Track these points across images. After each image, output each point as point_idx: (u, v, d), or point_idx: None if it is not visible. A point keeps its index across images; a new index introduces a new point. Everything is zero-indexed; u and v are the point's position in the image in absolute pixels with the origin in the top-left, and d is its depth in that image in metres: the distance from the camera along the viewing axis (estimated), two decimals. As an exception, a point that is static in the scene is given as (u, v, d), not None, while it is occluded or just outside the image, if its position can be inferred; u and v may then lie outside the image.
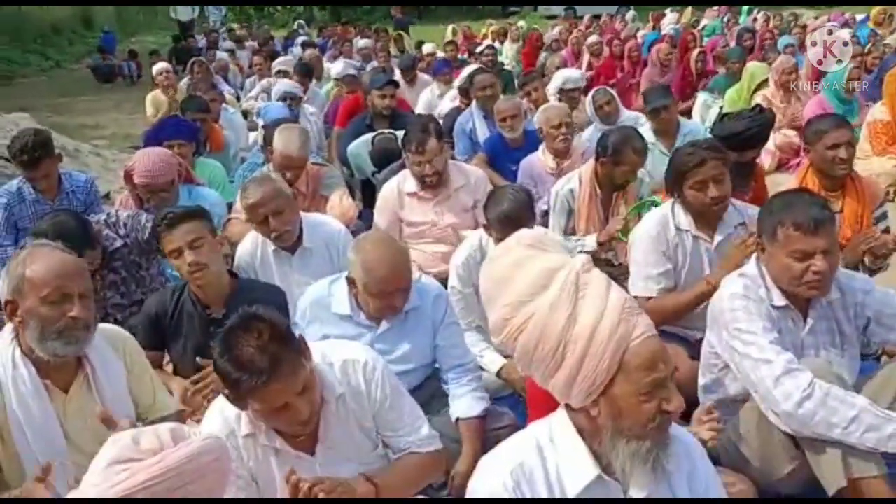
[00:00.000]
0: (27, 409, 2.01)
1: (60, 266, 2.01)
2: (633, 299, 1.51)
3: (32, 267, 1.99)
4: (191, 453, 1.21)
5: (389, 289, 2.46)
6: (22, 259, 2.01)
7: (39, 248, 2.07)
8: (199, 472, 1.21)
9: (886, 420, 2.06)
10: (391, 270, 2.44)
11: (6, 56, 17.01)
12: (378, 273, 2.42)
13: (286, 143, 3.99)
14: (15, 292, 1.99)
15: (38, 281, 1.97)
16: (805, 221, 2.21)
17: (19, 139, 3.97)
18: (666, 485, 1.57)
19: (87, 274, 2.10)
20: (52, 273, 1.98)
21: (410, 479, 2.05)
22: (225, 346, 1.72)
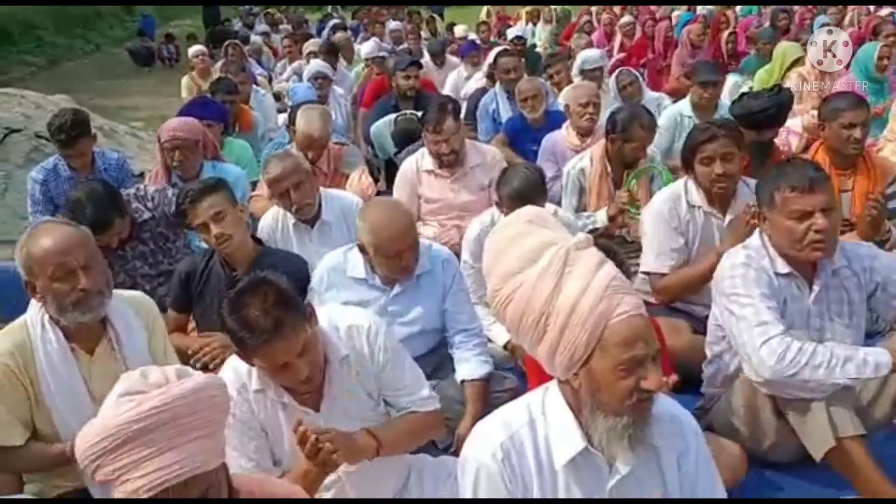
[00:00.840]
0: (55, 371, 2.15)
1: (60, 241, 2.09)
2: (624, 278, 1.55)
3: (34, 245, 2.09)
4: (193, 387, 1.33)
5: (397, 247, 2.59)
6: (25, 240, 2.13)
7: (40, 226, 2.17)
8: (200, 404, 1.32)
9: (854, 350, 2.18)
10: (397, 229, 2.58)
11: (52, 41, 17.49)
12: (384, 233, 2.57)
13: (308, 123, 4.12)
14: (28, 273, 2.12)
15: (41, 261, 2.08)
16: (800, 181, 2.25)
17: (58, 118, 4.14)
18: (654, 461, 1.62)
19: (88, 242, 2.18)
20: (52, 251, 2.08)
21: (410, 436, 2.17)
22: (233, 306, 1.85)
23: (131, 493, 1.27)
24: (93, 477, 1.32)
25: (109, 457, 1.27)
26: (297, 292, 1.96)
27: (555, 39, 11.66)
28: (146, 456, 1.26)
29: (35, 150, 5.51)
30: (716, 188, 2.95)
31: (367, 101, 6.34)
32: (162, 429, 1.27)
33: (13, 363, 2.13)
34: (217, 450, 1.36)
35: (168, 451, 1.27)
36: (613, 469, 1.58)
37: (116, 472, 1.28)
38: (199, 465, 1.30)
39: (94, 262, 2.16)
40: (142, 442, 1.26)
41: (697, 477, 1.66)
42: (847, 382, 2.16)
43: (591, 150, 3.98)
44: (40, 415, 2.19)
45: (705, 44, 8.33)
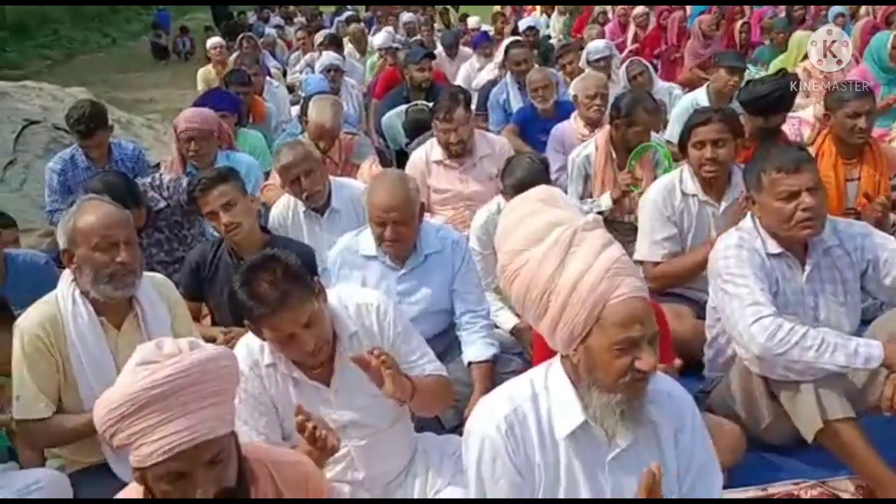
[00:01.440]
0: (84, 341, 2.26)
1: (106, 217, 2.24)
2: (628, 260, 1.59)
3: (82, 219, 2.22)
4: (205, 357, 1.40)
5: (382, 217, 2.68)
6: (73, 213, 2.26)
7: (87, 202, 2.31)
8: (211, 373, 1.40)
9: (847, 339, 2.21)
10: (385, 199, 2.68)
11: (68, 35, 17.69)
12: (375, 199, 2.69)
13: (319, 113, 4.20)
14: (69, 242, 2.24)
15: (87, 231, 2.21)
16: (785, 163, 2.31)
17: (76, 110, 4.25)
18: (652, 436, 1.66)
19: (130, 223, 2.32)
20: (99, 223, 2.21)
21: (435, 392, 2.23)
22: (244, 279, 1.95)
23: (146, 456, 1.34)
24: (110, 442, 1.40)
25: (126, 422, 1.35)
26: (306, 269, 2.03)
27: (568, 30, 11.67)
28: (160, 421, 1.33)
29: (53, 142, 5.63)
30: (704, 172, 2.99)
31: (380, 93, 6.41)
32: (175, 396, 1.34)
33: (44, 335, 2.24)
34: (227, 418, 1.44)
35: (181, 417, 1.34)
36: (613, 442, 1.63)
37: (132, 436, 1.35)
38: (210, 431, 1.37)
39: (133, 242, 2.30)
40: (156, 408, 1.33)
41: (694, 452, 1.71)
42: (835, 369, 2.20)
43: (596, 137, 4.03)
44: (67, 388, 2.28)
45: (718, 34, 8.32)
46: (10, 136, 5.62)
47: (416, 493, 2.26)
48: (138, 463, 1.37)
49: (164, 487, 1.38)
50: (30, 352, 2.24)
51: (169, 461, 1.34)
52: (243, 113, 5.24)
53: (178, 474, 1.36)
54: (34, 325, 2.26)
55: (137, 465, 1.38)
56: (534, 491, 1.65)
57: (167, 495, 1.39)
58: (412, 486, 2.27)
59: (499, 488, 1.64)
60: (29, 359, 2.25)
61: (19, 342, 2.27)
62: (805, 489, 2.39)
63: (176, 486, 1.37)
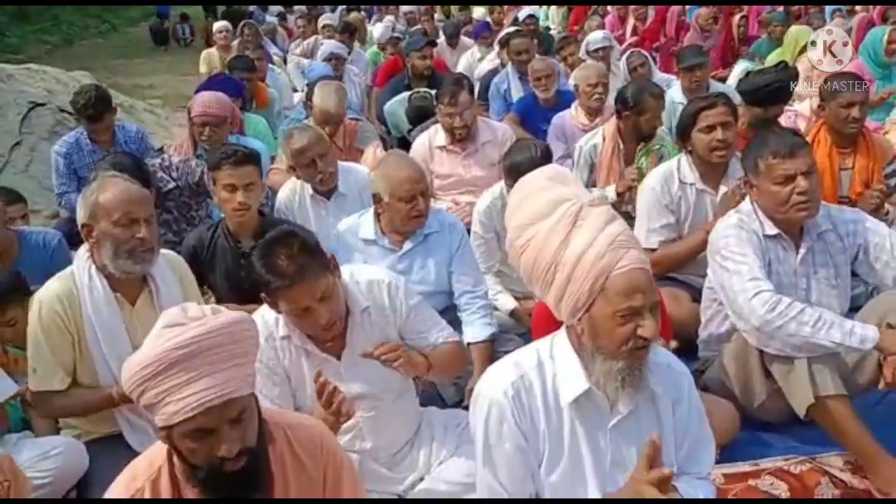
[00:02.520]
0: (100, 315, 2.32)
1: (127, 194, 2.30)
2: (631, 234, 1.66)
3: (104, 195, 2.28)
4: (228, 321, 1.47)
5: (412, 189, 2.79)
6: (95, 188, 2.32)
7: (110, 178, 2.37)
8: (234, 335, 1.46)
9: (844, 319, 2.30)
10: (411, 172, 2.81)
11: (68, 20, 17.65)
12: (400, 175, 2.78)
13: (325, 98, 4.26)
14: (90, 217, 2.30)
15: (109, 207, 2.27)
16: (781, 148, 2.41)
17: (82, 95, 4.28)
18: (651, 405, 1.75)
19: (150, 201, 2.40)
20: (121, 200, 2.28)
21: (449, 361, 2.37)
22: (262, 253, 2.03)
23: (172, 414, 1.41)
24: (138, 401, 1.47)
25: (154, 381, 1.41)
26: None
27: (566, 22, 11.72)
28: (187, 380, 1.40)
29: (58, 124, 5.68)
30: (715, 156, 3.06)
31: (381, 81, 6.47)
32: (200, 356, 1.41)
33: (61, 309, 2.30)
34: (249, 380, 1.50)
35: (207, 376, 1.41)
36: (614, 409, 1.71)
37: (160, 395, 1.42)
38: (234, 390, 1.44)
39: (152, 219, 2.36)
40: (182, 367, 1.40)
41: (690, 422, 1.80)
42: (830, 346, 2.28)
43: (604, 128, 4.10)
44: (82, 362, 2.35)
45: (716, 28, 8.38)
46: (16, 118, 5.66)
47: (421, 462, 2.35)
48: (165, 421, 1.43)
49: (189, 445, 1.45)
50: (46, 325, 2.31)
51: (196, 418, 1.40)
52: (247, 98, 5.30)
53: (203, 431, 1.43)
54: (51, 299, 2.32)
55: (164, 424, 1.44)
56: (538, 455, 1.73)
57: (193, 452, 1.45)
58: (417, 456, 2.36)
59: (504, 451, 1.72)
60: (46, 332, 2.31)
61: (36, 315, 2.33)
62: (795, 464, 2.48)
63: (201, 443, 1.44)
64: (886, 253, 2.52)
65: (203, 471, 1.46)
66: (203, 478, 1.46)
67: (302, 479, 1.63)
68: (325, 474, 1.67)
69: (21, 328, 2.70)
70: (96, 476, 2.34)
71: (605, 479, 1.73)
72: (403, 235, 2.95)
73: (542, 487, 1.76)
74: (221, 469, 1.45)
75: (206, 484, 1.47)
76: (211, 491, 1.47)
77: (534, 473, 1.75)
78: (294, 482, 1.62)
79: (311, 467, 1.64)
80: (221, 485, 1.46)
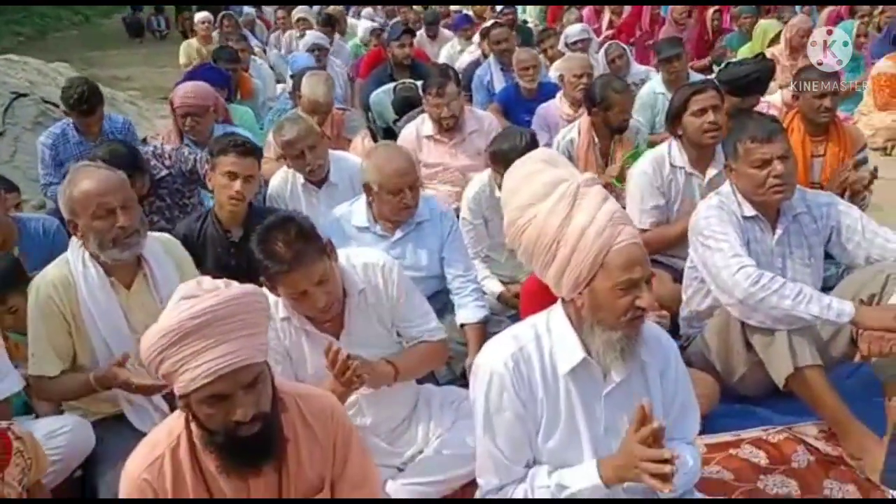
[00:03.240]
0: (96, 301, 2.36)
1: (99, 183, 2.30)
2: (624, 213, 1.76)
3: (76, 188, 2.29)
4: (241, 292, 1.55)
5: (401, 182, 2.85)
6: (68, 182, 2.33)
7: (79, 169, 2.37)
8: (246, 306, 1.55)
9: (822, 294, 2.43)
10: (400, 164, 2.86)
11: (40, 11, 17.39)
12: (389, 167, 2.84)
13: (313, 88, 4.32)
14: (71, 213, 2.33)
15: (83, 201, 2.28)
16: (759, 133, 2.54)
17: (74, 89, 4.27)
18: (642, 374, 1.86)
19: (125, 185, 2.37)
20: (94, 191, 2.28)
21: (421, 363, 2.42)
22: (261, 238, 2.10)
23: (190, 381, 1.48)
24: (157, 371, 1.54)
25: (171, 350, 1.49)
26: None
27: (543, 16, 11.84)
28: (202, 348, 1.48)
29: (42, 115, 5.67)
30: (707, 138, 3.17)
31: (364, 72, 6.53)
32: (215, 325, 1.49)
33: (56, 296, 2.34)
34: (262, 348, 1.58)
35: (221, 344, 1.48)
36: (608, 378, 1.82)
37: (177, 363, 1.49)
38: (248, 357, 1.52)
39: (131, 203, 2.36)
40: (198, 336, 1.48)
41: (677, 391, 1.91)
42: (809, 319, 2.42)
43: (580, 122, 4.20)
44: (81, 347, 2.40)
45: (690, 21, 8.55)
46: (-1, 108, 5.66)
47: (419, 438, 2.45)
48: (183, 389, 1.51)
49: (206, 410, 1.52)
50: (43, 311, 2.35)
51: (212, 384, 1.48)
52: (233, 89, 5.33)
53: (219, 397, 1.50)
54: (47, 285, 2.36)
55: (182, 392, 1.52)
56: (536, 422, 1.83)
57: (210, 418, 1.53)
58: (416, 431, 2.46)
59: (504, 419, 1.82)
60: (43, 318, 2.36)
61: (34, 301, 2.37)
62: (773, 434, 2.61)
63: (218, 409, 1.52)
64: (858, 234, 2.66)
65: (220, 436, 1.54)
66: (220, 442, 1.54)
67: (313, 447, 1.72)
68: (335, 442, 1.75)
69: (22, 315, 2.73)
70: (101, 454, 2.40)
71: (600, 445, 1.83)
72: (394, 224, 3.03)
73: (539, 453, 1.86)
74: (237, 434, 1.52)
75: (222, 448, 1.54)
76: (227, 455, 1.54)
77: (531, 440, 1.85)
78: (305, 449, 1.70)
79: (321, 435, 1.73)
80: (237, 449, 1.54)
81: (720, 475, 2.42)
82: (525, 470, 1.86)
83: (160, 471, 1.59)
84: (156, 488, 1.58)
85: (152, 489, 1.58)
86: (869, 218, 2.73)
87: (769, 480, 2.41)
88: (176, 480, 1.60)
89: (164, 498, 1.61)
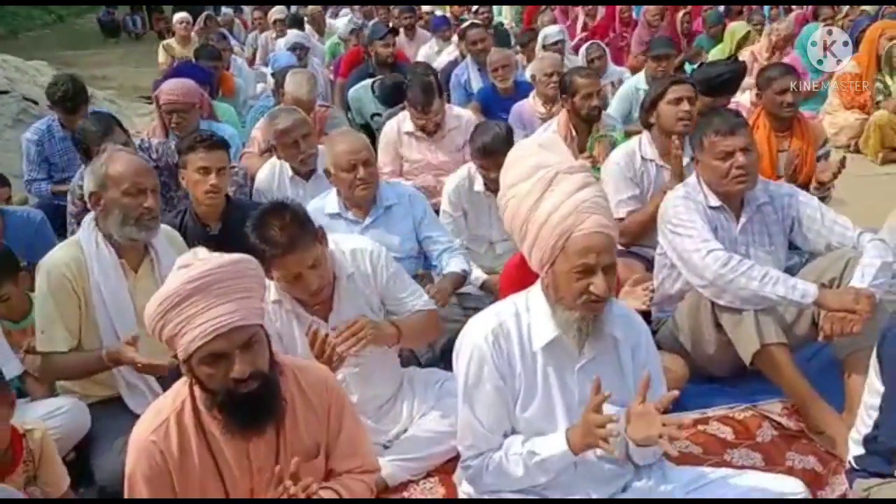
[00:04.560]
0: (107, 280, 2.47)
1: (136, 165, 2.49)
2: (600, 202, 1.85)
3: (114, 166, 2.45)
4: (233, 259, 1.68)
5: (353, 159, 2.99)
6: (104, 160, 2.48)
7: (117, 151, 2.54)
8: (239, 272, 1.67)
9: (787, 276, 2.59)
10: (350, 143, 3.03)
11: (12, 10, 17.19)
12: (340, 147, 3.00)
13: (297, 86, 4.42)
14: (99, 186, 2.45)
15: (118, 177, 2.43)
16: (722, 126, 2.69)
17: (59, 87, 4.32)
18: (614, 350, 1.98)
19: (155, 173, 2.57)
20: (130, 171, 2.45)
21: (421, 329, 2.54)
22: (256, 224, 2.20)
23: (190, 342, 1.60)
24: (160, 336, 1.65)
25: (172, 313, 1.61)
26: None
27: (520, 18, 12.02)
28: (200, 310, 1.59)
29: (23, 112, 5.70)
30: (680, 125, 3.32)
31: (344, 71, 6.62)
32: (211, 288, 1.61)
33: (70, 274, 2.45)
34: (256, 311, 1.69)
35: (217, 305, 1.60)
36: (581, 354, 1.94)
37: (178, 326, 1.61)
38: (243, 318, 1.63)
39: (158, 190, 2.54)
40: (197, 298, 1.60)
41: (647, 365, 2.03)
42: (775, 299, 2.57)
43: (558, 118, 4.33)
44: (87, 325, 2.49)
45: (663, 24, 8.77)
46: (-22, 107, 5.68)
47: (404, 416, 2.57)
48: (185, 351, 1.62)
49: (206, 371, 1.63)
50: (55, 288, 2.44)
51: (210, 343, 1.60)
52: (215, 87, 5.40)
53: (217, 356, 1.61)
54: (60, 264, 2.46)
55: (184, 355, 1.63)
56: (514, 394, 1.96)
57: (210, 378, 1.64)
58: (401, 409, 2.58)
59: (483, 391, 1.94)
60: (54, 295, 2.44)
61: (45, 280, 2.46)
62: (739, 412, 2.76)
63: (217, 368, 1.63)
64: (818, 223, 2.82)
65: (220, 394, 1.64)
66: (221, 401, 1.65)
67: (308, 414, 1.83)
68: (330, 412, 1.87)
69: (14, 304, 2.83)
70: (96, 436, 2.49)
71: (574, 416, 1.95)
72: (363, 210, 3.15)
73: (517, 423, 1.98)
74: (236, 392, 1.63)
75: (223, 407, 1.65)
76: (228, 413, 1.65)
77: (509, 411, 1.97)
78: (302, 415, 1.81)
79: (316, 404, 1.84)
80: (237, 406, 1.65)
81: (689, 449, 2.55)
82: (503, 439, 1.98)
83: (166, 433, 1.69)
84: (162, 449, 1.69)
85: (159, 450, 1.68)
86: (828, 208, 2.90)
87: (735, 454, 2.56)
88: (181, 442, 1.70)
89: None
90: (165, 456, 1.69)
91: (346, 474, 1.89)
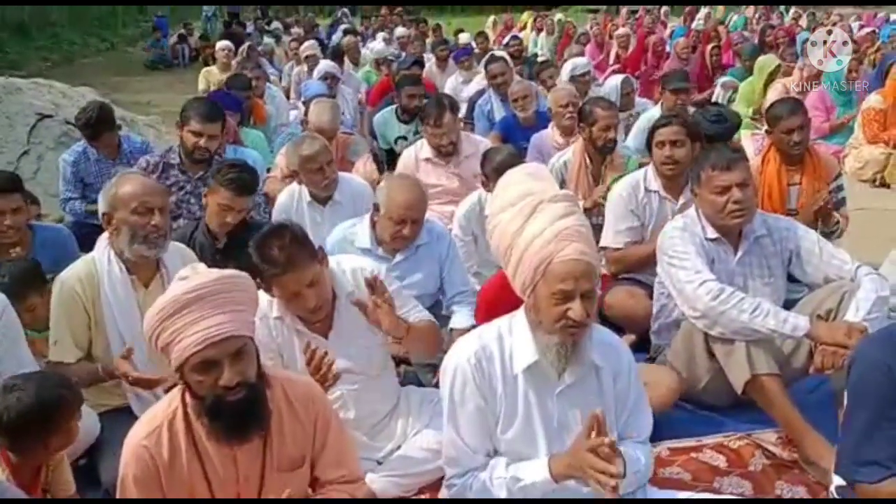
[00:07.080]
0: (116, 296, 2.61)
1: (144, 186, 2.63)
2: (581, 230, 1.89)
3: (123, 188, 2.60)
4: (228, 274, 1.79)
5: (404, 215, 3.03)
6: (114, 182, 2.64)
7: (127, 174, 2.71)
8: (236, 285, 1.77)
9: (779, 309, 2.61)
10: (409, 198, 3.04)
11: (68, 38, 17.98)
12: (400, 197, 3.03)
13: (318, 116, 4.62)
14: (110, 207, 2.61)
15: (127, 197, 2.59)
16: (720, 161, 2.74)
17: (84, 113, 4.58)
18: (594, 377, 2.02)
19: (165, 194, 2.71)
20: (138, 191, 2.60)
21: (426, 334, 2.62)
22: (258, 244, 2.32)
23: (185, 348, 1.69)
24: (156, 344, 1.76)
25: (168, 321, 1.71)
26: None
27: (555, 49, 12.21)
28: (194, 319, 1.70)
29: (65, 135, 5.96)
30: (665, 170, 3.39)
31: (374, 100, 6.81)
32: (206, 299, 1.71)
33: (80, 290, 2.59)
34: (248, 324, 1.79)
35: (210, 316, 1.70)
36: (562, 379, 1.99)
37: (174, 332, 1.71)
38: (234, 329, 1.73)
39: (166, 210, 2.67)
40: (193, 308, 1.70)
41: (629, 393, 2.08)
42: (766, 332, 2.59)
43: (574, 146, 4.41)
44: (98, 339, 2.63)
45: (694, 57, 8.86)
46: (24, 128, 5.94)
47: (398, 433, 2.64)
48: (178, 358, 1.72)
49: (197, 378, 1.73)
50: (66, 303, 2.60)
51: (203, 350, 1.69)
52: (245, 114, 5.61)
53: (208, 363, 1.71)
54: (72, 280, 2.61)
55: (178, 362, 1.73)
56: (495, 415, 2.02)
57: (200, 385, 1.73)
58: (395, 427, 2.65)
59: (466, 410, 2.01)
60: (66, 309, 2.60)
61: (58, 294, 2.62)
62: (733, 440, 2.78)
63: (207, 375, 1.72)
64: (815, 256, 2.84)
65: (208, 400, 1.74)
66: (208, 406, 1.74)
67: (295, 425, 1.91)
68: (316, 424, 1.95)
69: (39, 314, 2.98)
70: (105, 442, 2.60)
71: (553, 438, 2.01)
72: (394, 248, 3.21)
73: (498, 443, 2.04)
74: (224, 399, 1.72)
75: (210, 412, 1.74)
76: (215, 418, 1.74)
77: (491, 432, 2.03)
78: (288, 426, 1.90)
79: (303, 416, 1.92)
80: (224, 413, 1.73)
81: (679, 476, 2.59)
82: (486, 459, 2.04)
83: (158, 439, 1.80)
84: (153, 454, 1.79)
85: (150, 454, 1.78)
86: (826, 241, 2.92)
87: (725, 482, 2.57)
88: (172, 447, 1.80)
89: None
90: (156, 460, 1.79)
91: (330, 484, 1.97)
